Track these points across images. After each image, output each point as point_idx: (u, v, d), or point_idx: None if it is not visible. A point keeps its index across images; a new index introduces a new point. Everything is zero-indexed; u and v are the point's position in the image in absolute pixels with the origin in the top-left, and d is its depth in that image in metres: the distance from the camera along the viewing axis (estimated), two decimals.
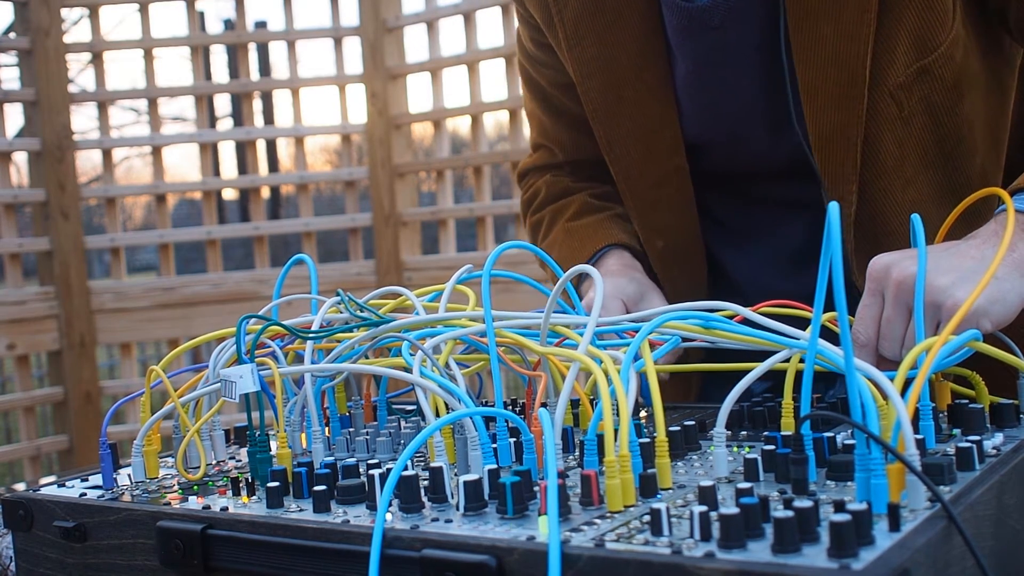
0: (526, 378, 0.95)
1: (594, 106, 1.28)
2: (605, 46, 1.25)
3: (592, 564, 0.59)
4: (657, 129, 1.25)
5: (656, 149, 1.26)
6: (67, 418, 3.57)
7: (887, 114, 1.14)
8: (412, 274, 3.65)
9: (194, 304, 3.62)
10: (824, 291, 0.69)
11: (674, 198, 1.28)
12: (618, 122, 1.27)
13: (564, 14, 1.27)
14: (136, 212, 16.89)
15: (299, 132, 3.77)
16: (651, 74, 1.24)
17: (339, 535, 0.70)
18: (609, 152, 1.30)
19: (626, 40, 1.24)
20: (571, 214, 1.39)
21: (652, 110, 1.25)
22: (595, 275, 0.90)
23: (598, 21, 1.25)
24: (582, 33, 1.26)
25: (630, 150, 1.28)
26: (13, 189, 3.57)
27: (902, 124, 1.15)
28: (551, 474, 0.66)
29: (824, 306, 0.71)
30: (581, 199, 1.40)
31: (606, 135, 1.29)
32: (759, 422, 0.93)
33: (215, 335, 1.04)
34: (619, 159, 1.29)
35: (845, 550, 0.56)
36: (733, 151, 1.27)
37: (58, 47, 3.54)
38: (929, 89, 1.14)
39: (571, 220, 1.38)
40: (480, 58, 3.51)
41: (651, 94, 1.24)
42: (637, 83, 1.25)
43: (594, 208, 1.38)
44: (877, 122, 1.14)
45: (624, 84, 1.25)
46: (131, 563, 0.82)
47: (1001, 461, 0.74)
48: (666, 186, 1.28)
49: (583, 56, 1.27)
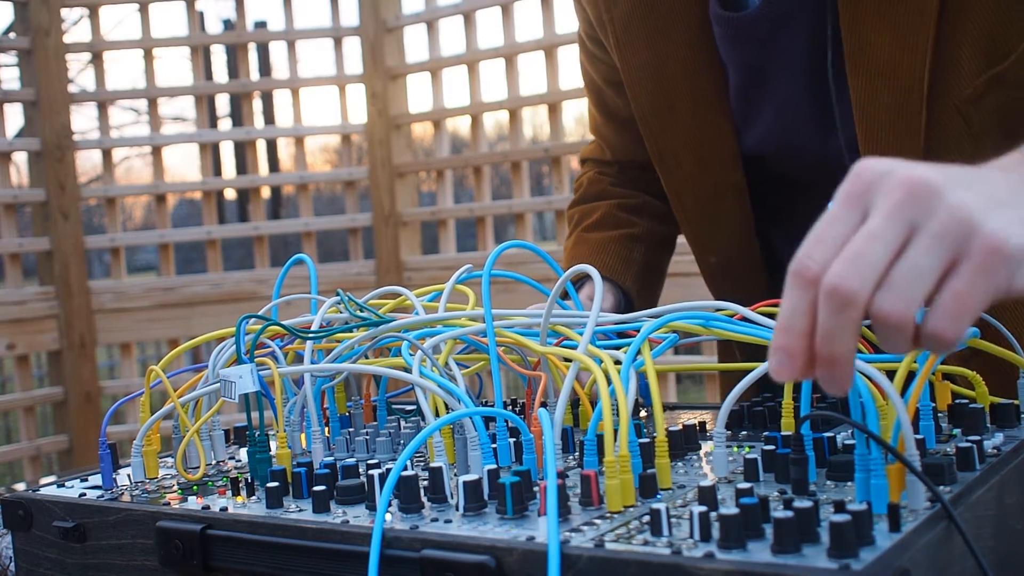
0: (526, 378, 0.95)
1: (644, 114, 1.22)
2: (655, 52, 1.19)
3: (591, 564, 0.59)
4: (711, 141, 1.19)
5: (710, 162, 1.19)
6: (67, 418, 3.57)
7: (952, 131, 1.03)
8: (412, 274, 3.65)
9: (194, 304, 3.62)
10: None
11: (729, 213, 1.21)
12: (670, 132, 1.21)
13: (614, 13, 1.21)
14: (136, 212, 16.91)
15: (299, 132, 3.77)
16: (704, 83, 1.17)
17: (338, 535, 0.70)
18: (660, 164, 1.24)
19: (677, 46, 1.17)
20: (590, 223, 1.35)
21: (706, 121, 1.18)
22: (595, 275, 0.89)
23: (648, 24, 1.19)
24: (632, 36, 1.20)
25: (682, 162, 1.21)
26: (13, 189, 3.57)
27: (971, 142, 1.02)
28: (550, 474, 0.66)
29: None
30: (606, 208, 1.35)
31: (657, 146, 1.23)
32: (759, 422, 0.93)
33: (215, 335, 1.04)
34: (671, 172, 1.23)
35: (845, 550, 0.56)
36: (786, 162, 1.19)
37: (58, 47, 3.54)
38: (1004, 101, 1.01)
39: (587, 230, 1.35)
40: (480, 58, 3.50)
41: (705, 104, 1.18)
42: (690, 93, 1.18)
43: (613, 222, 1.34)
44: (941, 140, 1.03)
45: (676, 94, 1.19)
46: (130, 563, 0.81)
47: (1001, 461, 0.74)
48: (721, 200, 1.21)
49: (633, 61, 1.21)
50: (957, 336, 0.56)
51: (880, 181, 0.58)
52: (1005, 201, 0.59)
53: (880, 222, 0.57)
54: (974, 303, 0.56)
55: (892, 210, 0.57)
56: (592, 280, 0.89)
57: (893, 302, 0.56)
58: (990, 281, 0.56)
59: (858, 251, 0.56)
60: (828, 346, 0.57)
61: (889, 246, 0.56)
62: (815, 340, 0.57)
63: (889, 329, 0.57)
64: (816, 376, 0.59)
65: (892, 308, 0.56)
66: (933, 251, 0.56)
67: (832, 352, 0.57)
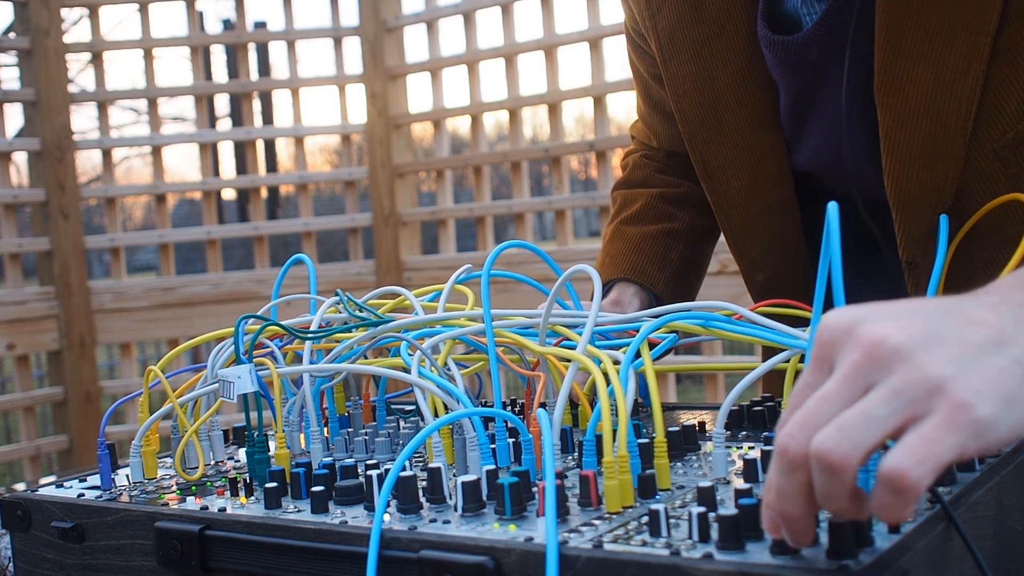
0: (525, 378, 0.94)
1: (690, 128, 1.18)
2: (702, 65, 1.14)
3: (590, 565, 0.59)
4: (760, 158, 1.14)
5: (760, 180, 1.15)
6: (67, 418, 3.57)
7: (988, 173, 0.99)
8: (412, 274, 3.65)
9: (194, 304, 3.62)
10: (823, 291, 0.69)
11: (777, 231, 1.16)
12: (717, 149, 1.17)
13: (658, 22, 1.17)
14: (136, 212, 16.91)
15: (299, 132, 3.77)
16: (754, 99, 1.13)
17: (337, 536, 0.70)
18: (706, 180, 1.19)
19: (725, 61, 1.13)
20: (630, 214, 1.32)
21: (756, 138, 1.14)
22: (594, 275, 0.89)
23: (695, 34, 1.14)
24: (678, 47, 1.16)
25: (730, 180, 1.17)
26: (13, 189, 3.57)
27: (1007, 183, 0.99)
28: (549, 475, 0.65)
29: (824, 306, 0.70)
30: (648, 199, 1.32)
31: (703, 161, 1.18)
32: (759, 422, 0.93)
33: (214, 335, 1.04)
34: (717, 188, 1.19)
35: (844, 551, 0.56)
36: (835, 182, 1.15)
37: (58, 47, 3.54)
38: None
39: (625, 222, 1.32)
40: (480, 58, 3.50)
41: (755, 121, 1.13)
42: (739, 109, 1.13)
43: (653, 215, 1.31)
44: (973, 180, 1.00)
45: (724, 108, 1.14)
46: (129, 563, 0.81)
47: (1001, 461, 0.73)
48: (768, 217, 1.17)
49: (678, 72, 1.16)
50: (919, 482, 0.49)
51: (840, 341, 0.55)
52: (986, 348, 0.53)
53: (834, 386, 0.54)
54: (941, 451, 0.50)
55: (848, 372, 0.54)
56: (619, 284, 0.85)
57: (836, 440, 0.51)
58: (957, 437, 0.50)
59: (807, 414, 0.53)
60: (779, 506, 0.55)
61: (842, 407, 0.53)
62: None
63: (826, 472, 0.51)
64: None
65: (833, 446, 0.51)
66: (890, 402, 0.52)
67: (783, 511, 0.55)
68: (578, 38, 3.25)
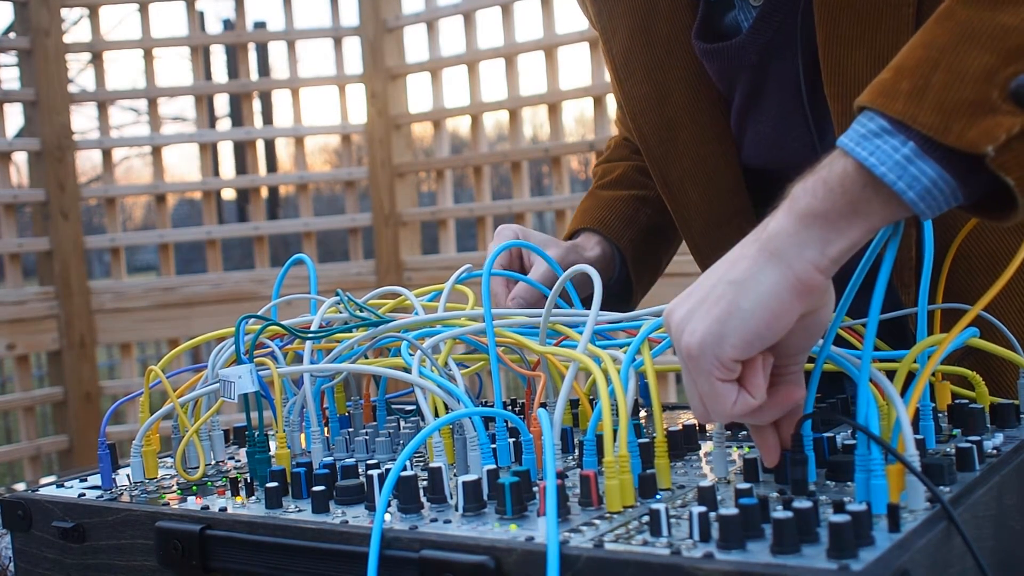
0: (525, 378, 0.94)
1: (647, 145, 1.22)
2: (655, 85, 1.19)
3: (591, 565, 0.59)
4: (715, 169, 1.19)
5: (716, 190, 1.20)
6: (67, 418, 3.57)
7: None
8: (412, 274, 3.65)
9: (194, 304, 3.62)
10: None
11: (737, 238, 1.19)
12: (675, 163, 1.21)
13: (613, 45, 1.21)
14: (136, 212, 16.90)
15: (299, 132, 3.77)
16: (705, 113, 1.17)
17: (338, 536, 0.70)
18: (666, 191, 1.24)
19: (677, 78, 1.17)
20: (606, 181, 1.37)
21: (711, 151, 1.18)
22: (594, 275, 0.89)
23: (647, 56, 1.19)
24: (631, 68, 1.20)
25: (688, 191, 1.21)
26: (13, 189, 3.57)
27: None
28: (550, 474, 0.66)
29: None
30: (625, 168, 1.37)
31: (662, 175, 1.23)
32: None
33: (214, 335, 1.04)
34: (676, 199, 1.23)
35: (844, 551, 0.56)
36: (784, 177, 1.18)
37: (58, 47, 3.54)
38: None
39: (601, 187, 1.37)
40: (480, 58, 3.50)
41: (707, 134, 1.18)
42: (692, 125, 1.18)
43: (627, 182, 1.35)
44: None
45: (679, 125, 1.19)
46: (130, 563, 0.81)
47: (1001, 461, 0.73)
48: (727, 226, 1.20)
49: (633, 93, 1.21)
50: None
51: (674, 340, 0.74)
52: (717, 285, 0.72)
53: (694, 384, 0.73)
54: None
55: (684, 371, 0.72)
56: (584, 232, 0.84)
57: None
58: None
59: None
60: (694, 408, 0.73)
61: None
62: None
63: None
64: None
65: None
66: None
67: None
68: (578, 38, 3.25)
